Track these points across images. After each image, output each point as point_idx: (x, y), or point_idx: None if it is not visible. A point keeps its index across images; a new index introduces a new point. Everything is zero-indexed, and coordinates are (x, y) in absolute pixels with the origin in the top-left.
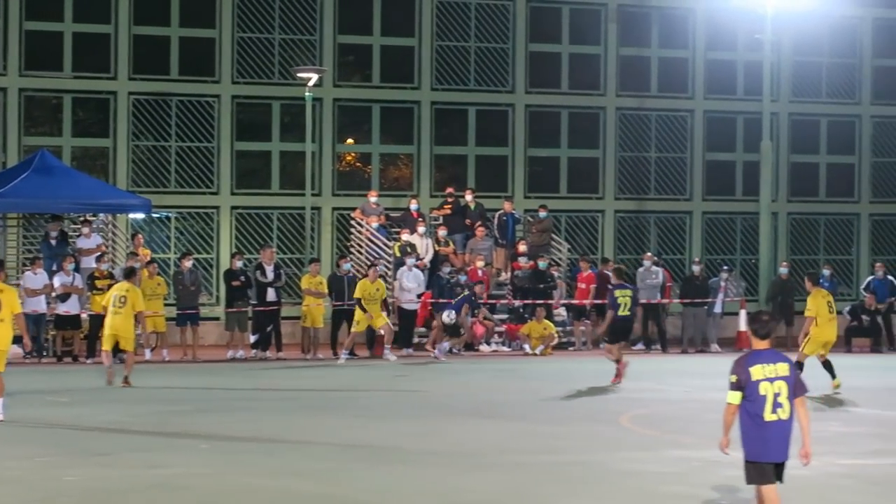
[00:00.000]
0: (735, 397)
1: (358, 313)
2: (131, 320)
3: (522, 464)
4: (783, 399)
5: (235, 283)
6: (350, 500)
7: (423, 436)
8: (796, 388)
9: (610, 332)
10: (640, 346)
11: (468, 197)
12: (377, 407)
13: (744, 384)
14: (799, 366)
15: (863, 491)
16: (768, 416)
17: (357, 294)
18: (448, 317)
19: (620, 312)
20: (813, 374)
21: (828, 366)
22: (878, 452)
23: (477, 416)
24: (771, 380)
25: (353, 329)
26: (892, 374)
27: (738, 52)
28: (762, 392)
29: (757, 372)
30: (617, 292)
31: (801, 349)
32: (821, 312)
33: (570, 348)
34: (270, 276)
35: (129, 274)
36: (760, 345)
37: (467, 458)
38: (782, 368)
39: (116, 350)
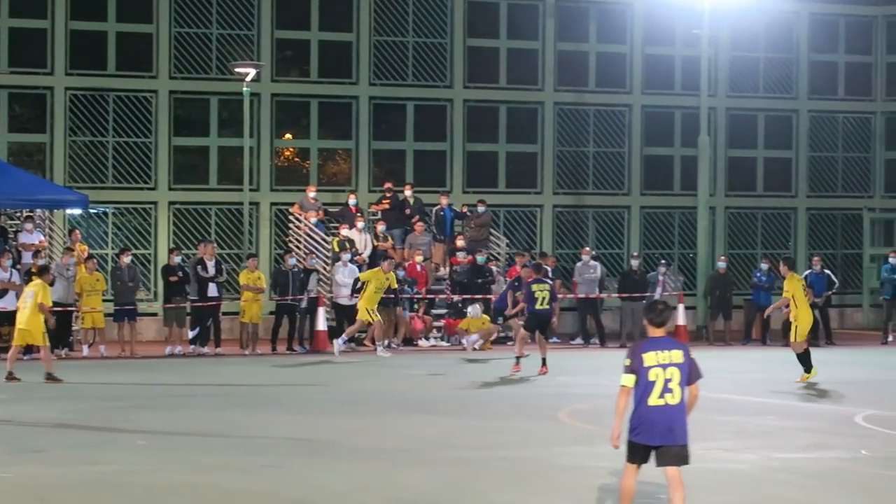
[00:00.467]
0: (629, 380)
1: (370, 303)
2: (38, 316)
3: (461, 459)
4: (674, 385)
5: (173, 279)
6: (289, 496)
7: (362, 431)
8: (691, 374)
9: (526, 321)
10: (578, 340)
11: (407, 192)
12: (316, 402)
13: (636, 369)
14: (804, 356)
15: (800, 485)
16: (654, 400)
17: (364, 277)
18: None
19: (538, 306)
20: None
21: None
22: (814, 446)
23: (416, 411)
24: (664, 366)
25: (374, 322)
26: (829, 368)
27: (676, 47)
28: (651, 378)
29: (650, 358)
30: (534, 286)
31: (793, 339)
32: (798, 295)
33: (510, 343)
34: (212, 271)
35: (42, 272)
36: (656, 332)
37: (406, 454)
38: (676, 355)
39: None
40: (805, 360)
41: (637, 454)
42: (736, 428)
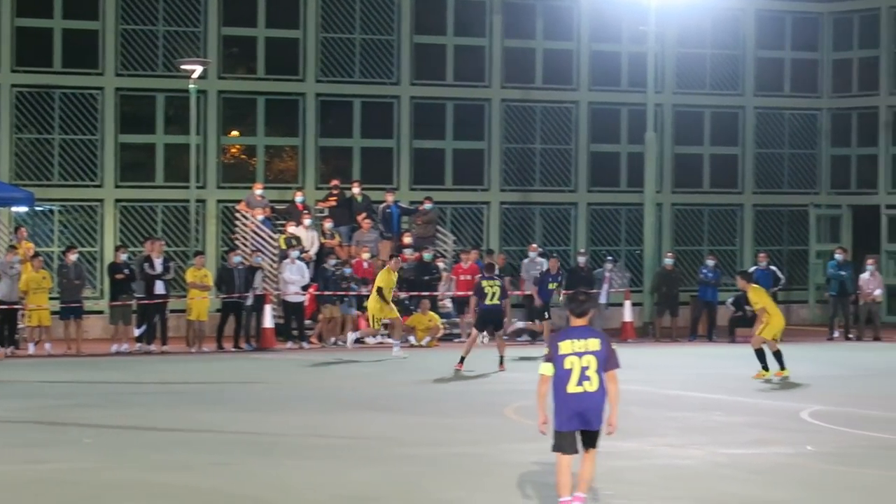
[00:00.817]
0: (547, 368)
1: (375, 306)
2: None
3: (410, 456)
4: (591, 372)
5: (119, 277)
6: (239, 494)
7: (312, 428)
8: (608, 362)
9: (476, 319)
10: (525, 337)
11: (355, 189)
12: (265, 400)
13: (552, 357)
14: (759, 353)
15: (745, 480)
16: (572, 388)
17: (381, 284)
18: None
19: (488, 301)
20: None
21: (778, 356)
22: (759, 442)
23: (364, 408)
24: (579, 354)
25: (372, 326)
26: (773, 363)
27: (623, 43)
28: (567, 366)
29: (566, 347)
30: (484, 283)
31: (756, 334)
32: (769, 303)
33: (456, 340)
34: (159, 268)
35: None
36: (577, 322)
37: (355, 451)
38: (593, 344)
39: None
40: (761, 357)
41: (564, 443)
42: (682, 424)
